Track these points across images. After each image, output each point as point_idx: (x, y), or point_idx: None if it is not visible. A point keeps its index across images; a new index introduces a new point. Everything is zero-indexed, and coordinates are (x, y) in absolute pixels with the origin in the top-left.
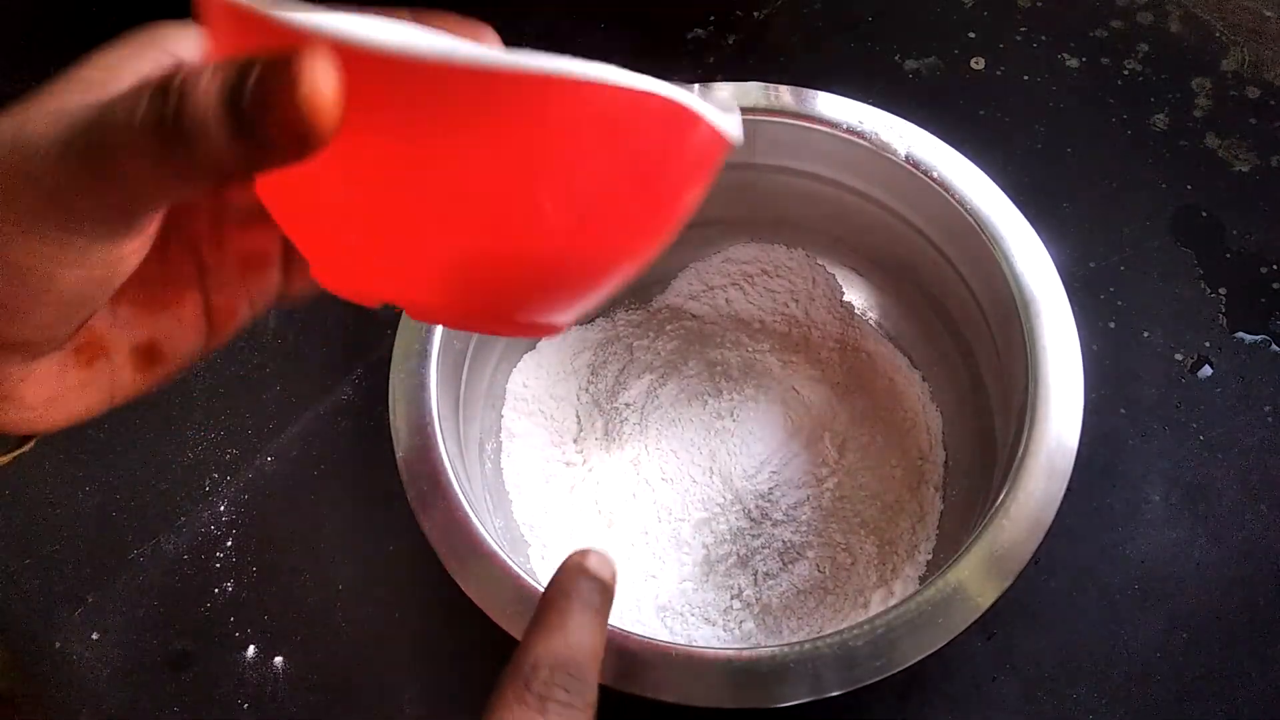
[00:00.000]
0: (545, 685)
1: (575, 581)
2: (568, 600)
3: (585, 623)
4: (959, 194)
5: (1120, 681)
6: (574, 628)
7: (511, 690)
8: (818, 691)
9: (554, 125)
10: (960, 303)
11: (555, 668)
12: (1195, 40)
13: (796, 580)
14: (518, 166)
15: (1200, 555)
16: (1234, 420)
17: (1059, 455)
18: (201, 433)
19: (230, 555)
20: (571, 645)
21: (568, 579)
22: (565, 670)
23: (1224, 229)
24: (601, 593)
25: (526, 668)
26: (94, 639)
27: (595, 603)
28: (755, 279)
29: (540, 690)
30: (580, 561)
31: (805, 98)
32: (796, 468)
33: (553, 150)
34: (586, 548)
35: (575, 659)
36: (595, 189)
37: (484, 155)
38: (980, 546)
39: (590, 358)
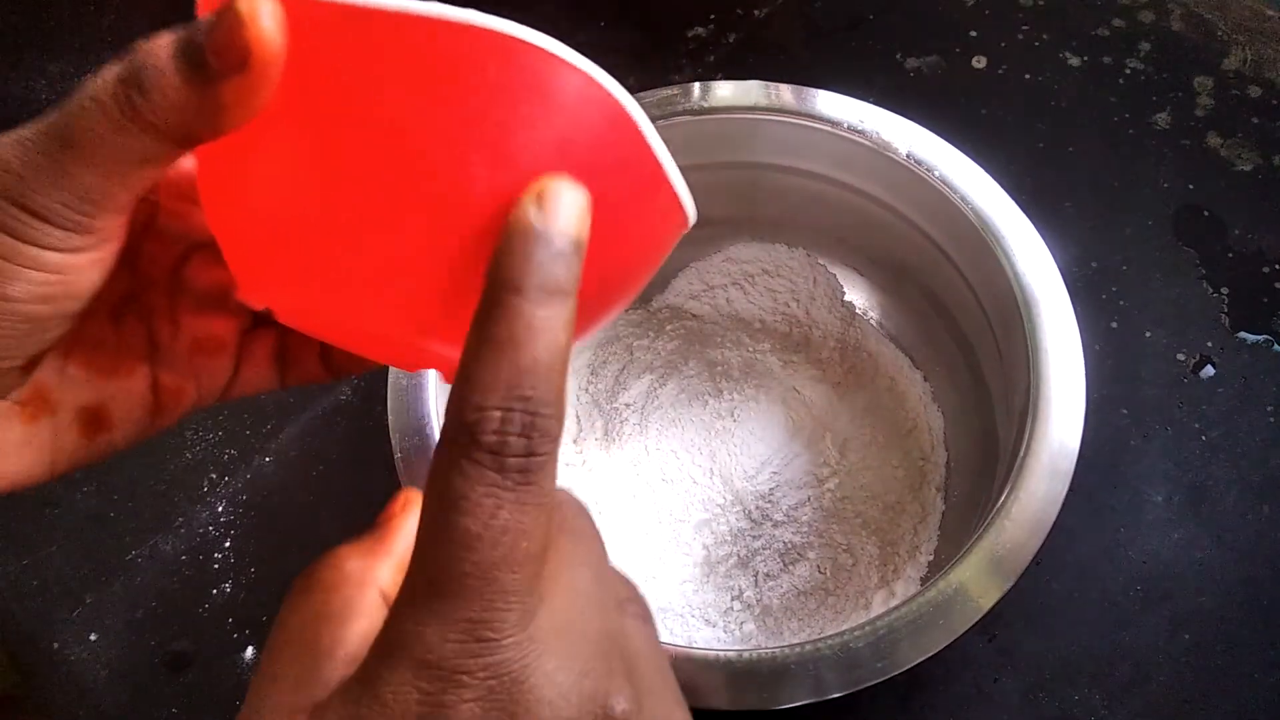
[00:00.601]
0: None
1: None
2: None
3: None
4: (961, 193)
5: (1122, 682)
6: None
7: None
8: (819, 693)
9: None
10: (962, 302)
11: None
12: (1197, 39)
13: (797, 581)
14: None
15: (1202, 556)
16: (1236, 420)
17: (1061, 456)
18: (200, 433)
19: (229, 556)
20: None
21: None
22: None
23: (1226, 228)
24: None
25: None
26: (92, 640)
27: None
28: (756, 278)
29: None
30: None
31: (806, 96)
32: (797, 468)
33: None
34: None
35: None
36: None
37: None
38: (982, 547)
39: (590, 357)
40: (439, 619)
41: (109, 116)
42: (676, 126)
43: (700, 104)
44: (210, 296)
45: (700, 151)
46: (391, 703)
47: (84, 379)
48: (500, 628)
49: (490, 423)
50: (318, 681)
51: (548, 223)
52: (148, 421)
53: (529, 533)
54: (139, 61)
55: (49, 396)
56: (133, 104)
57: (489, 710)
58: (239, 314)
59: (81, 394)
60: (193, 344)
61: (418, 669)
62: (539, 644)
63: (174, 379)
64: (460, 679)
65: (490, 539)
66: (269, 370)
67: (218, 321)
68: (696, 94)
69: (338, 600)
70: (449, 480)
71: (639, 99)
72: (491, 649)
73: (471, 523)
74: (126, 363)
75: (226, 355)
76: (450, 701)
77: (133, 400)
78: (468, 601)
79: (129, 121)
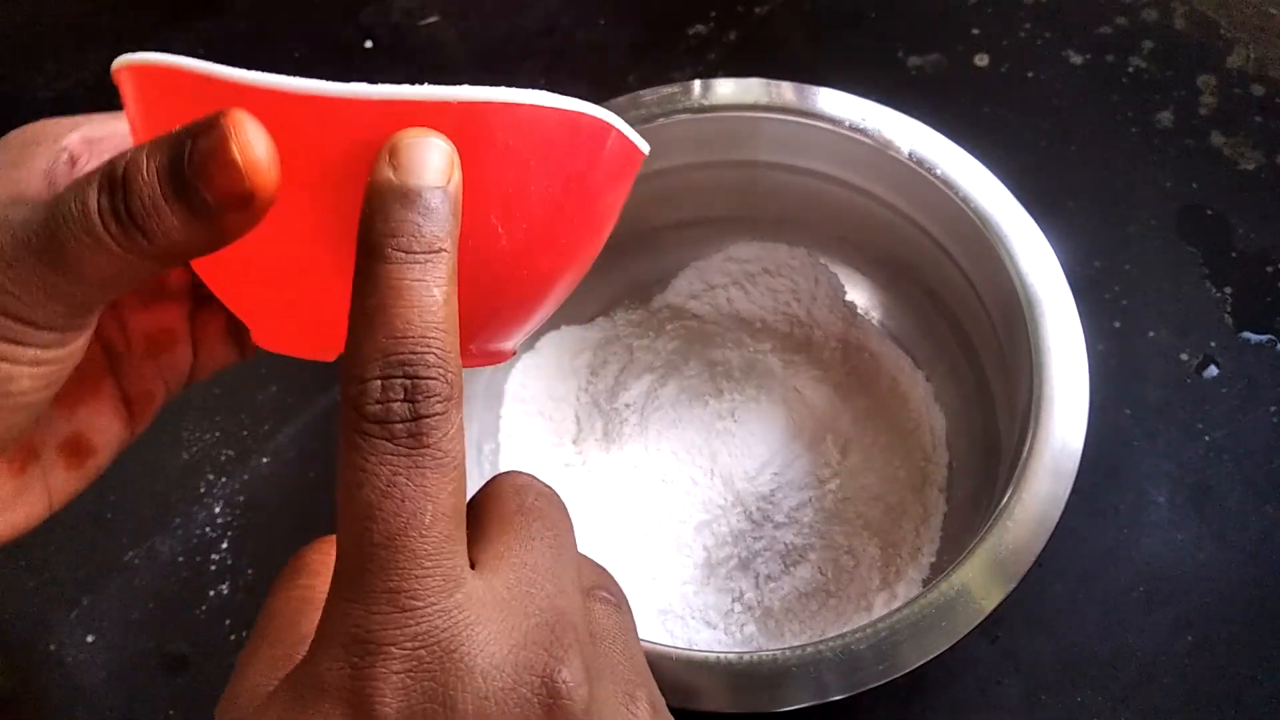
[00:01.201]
0: (380, 401)
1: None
2: (371, 259)
3: (405, 282)
4: (963, 192)
5: (1125, 684)
6: (386, 298)
7: (344, 424)
8: (820, 695)
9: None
10: (964, 302)
11: (378, 371)
12: (1200, 37)
13: (798, 583)
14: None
15: (1206, 557)
16: (1240, 420)
17: (1064, 456)
18: (197, 434)
19: (226, 557)
20: (389, 326)
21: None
22: (391, 365)
23: (1230, 228)
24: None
25: (352, 387)
26: (89, 641)
27: (423, 238)
28: (757, 278)
29: (375, 411)
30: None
31: (807, 94)
32: (798, 469)
33: (495, 172)
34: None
35: (399, 341)
36: (538, 206)
37: None
38: (984, 549)
39: (590, 358)
40: (361, 594)
41: (108, 252)
42: (677, 125)
43: (701, 102)
44: (151, 289)
45: (701, 150)
46: (327, 679)
47: (57, 416)
48: (422, 594)
49: (371, 393)
50: (292, 665)
51: (404, 178)
52: (127, 432)
53: (432, 494)
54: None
55: (30, 444)
56: (133, 240)
57: (419, 680)
58: (182, 298)
59: (59, 430)
60: (147, 343)
61: (347, 645)
62: (470, 612)
63: (139, 383)
64: (388, 650)
65: (391, 507)
66: (226, 347)
67: (165, 312)
68: (697, 92)
69: (320, 586)
70: (347, 458)
71: (639, 98)
72: (415, 617)
73: (371, 493)
74: (92, 383)
75: (182, 343)
76: (380, 674)
77: (107, 418)
78: (383, 572)
79: (130, 255)
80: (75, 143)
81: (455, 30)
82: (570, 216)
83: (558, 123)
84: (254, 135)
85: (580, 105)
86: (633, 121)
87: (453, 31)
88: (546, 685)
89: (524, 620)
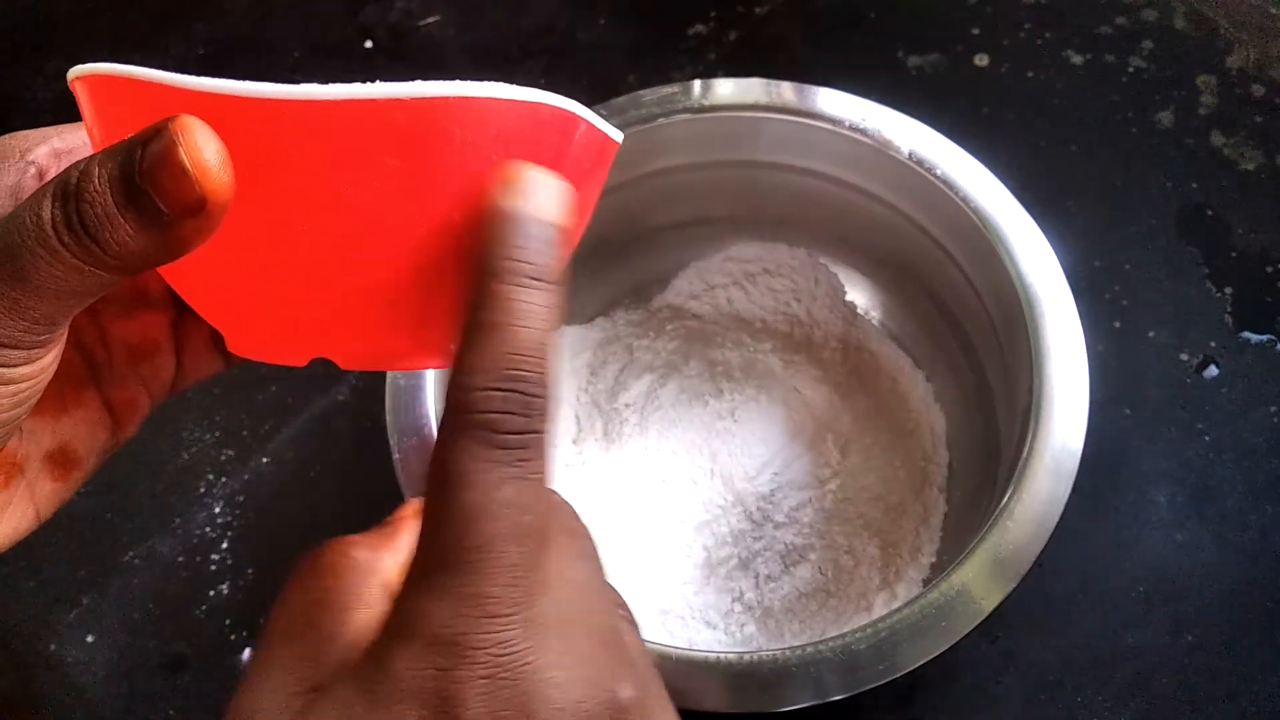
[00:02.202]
0: (486, 411)
1: (501, 248)
2: (494, 280)
3: (521, 304)
4: (963, 192)
5: (1125, 684)
6: (506, 317)
7: (450, 432)
8: (820, 695)
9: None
10: (964, 302)
11: (494, 382)
12: (1200, 37)
13: (798, 583)
14: (428, 188)
15: (1206, 557)
16: (1240, 421)
17: (1064, 456)
18: (197, 434)
19: (226, 557)
20: (508, 342)
21: (496, 245)
22: (508, 379)
23: (1229, 228)
24: (545, 245)
25: (468, 399)
26: (89, 641)
27: (536, 265)
28: (757, 278)
29: (484, 421)
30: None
31: (807, 94)
32: (798, 469)
33: (456, 167)
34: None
35: (516, 358)
36: None
37: (390, 183)
38: (984, 549)
39: (590, 358)
40: (448, 594)
41: (64, 263)
42: (677, 125)
43: (701, 102)
44: (129, 296)
45: (701, 150)
46: (406, 677)
47: (41, 429)
48: (507, 603)
49: (487, 401)
50: (318, 664)
51: (534, 210)
52: (111, 441)
53: (529, 507)
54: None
55: (14, 459)
56: (88, 251)
57: (500, 687)
58: (164, 307)
59: (43, 443)
60: (129, 352)
61: (429, 644)
62: (544, 627)
63: (123, 392)
64: (471, 654)
65: (493, 512)
66: (210, 354)
67: (147, 321)
68: (697, 92)
69: (343, 587)
70: (452, 458)
71: (639, 98)
72: (499, 624)
73: (475, 496)
74: (74, 393)
75: (165, 352)
76: (463, 677)
77: (92, 428)
78: (475, 575)
79: (87, 265)
80: (43, 156)
81: (455, 30)
82: None
83: (517, 115)
84: (203, 139)
85: (540, 95)
86: (633, 121)
87: (452, 31)
88: (611, 702)
89: (586, 638)
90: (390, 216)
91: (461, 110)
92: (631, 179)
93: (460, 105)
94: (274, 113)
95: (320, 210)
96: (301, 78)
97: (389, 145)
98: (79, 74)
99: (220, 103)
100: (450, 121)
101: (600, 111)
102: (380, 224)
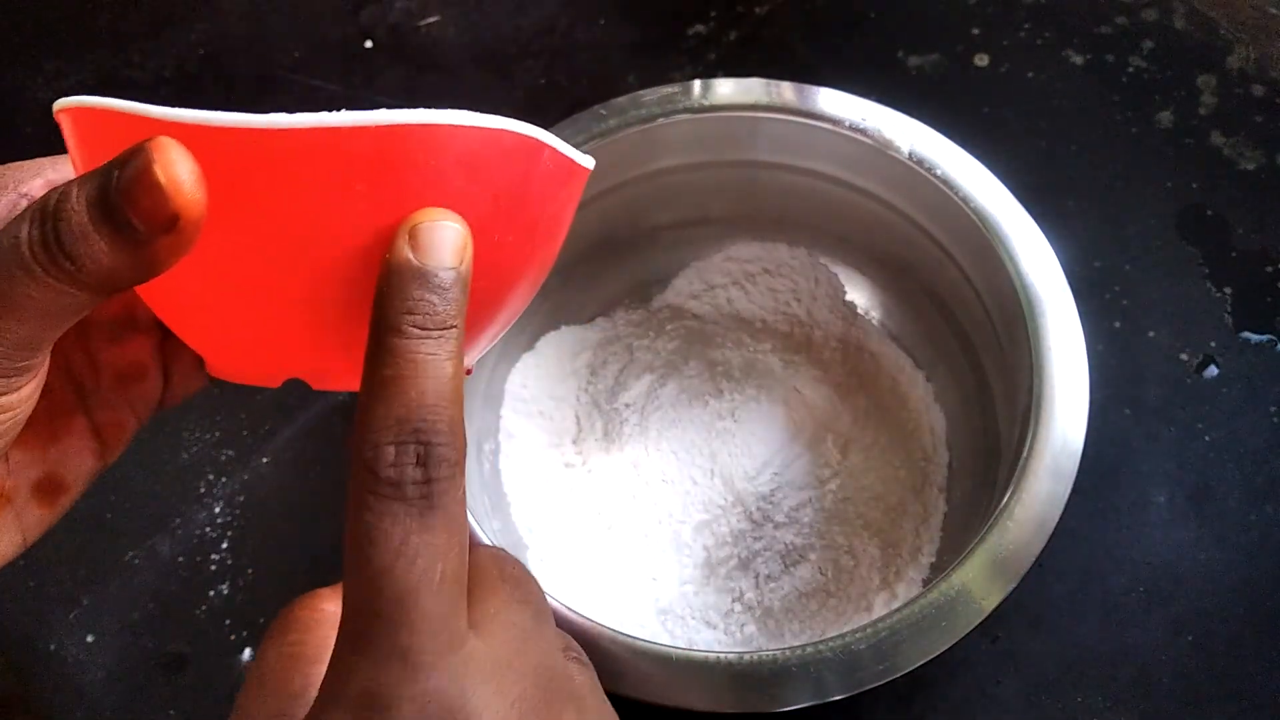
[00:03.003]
0: (394, 465)
1: (399, 300)
2: (389, 334)
3: (418, 355)
4: (963, 192)
5: (1125, 684)
6: (401, 370)
7: (356, 485)
8: (820, 695)
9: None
10: (964, 302)
11: (392, 437)
12: (1200, 37)
13: (798, 583)
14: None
15: (1206, 557)
16: (1240, 421)
17: (1064, 456)
18: (197, 434)
19: (226, 557)
20: (404, 394)
21: (388, 299)
22: (407, 433)
23: (1230, 228)
24: (441, 293)
25: (368, 453)
26: (88, 641)
27: (437, 315)
28: (757, 278)
29: (390, 474)
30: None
31: (807, 94)
32: (798, 469)
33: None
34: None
35: (414, 410)
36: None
37: (358, 206)
38: (984, 549)
39: (590, 358)
40: (371, 650)
41: (41, 283)
42: (677, 125)
43: (701, 102)
44: (118, 322)
45: (701, 150)
46: None
47: (28, 459)
48: (431, 652)
49: (386, 456)
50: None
51: (422, 259)
52: (99, 465)
53: (442, 554)
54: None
55: (1, 489)
56: (64, 270)
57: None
58: (151, 330)
59: (31, 472)
60: (117, 376)
61: (356, 703)
62: (474, 671)
63: (110, 415)
64: (397, 705)
65: (403, 565)
66: (195, 374)
67: (134, 345)
68: (697, 92)
69: (312, 641)
70: (358, 517)
71: (639, 98)
72: (424, 675)
73: (383, 552)
74: (64, 422)
75: (152, 375)
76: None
77: (80, 454)
78: (393, 629)
79: (64, 285)
80: (37, 188)
81: (455, 30)
82: (507, 236)
83: (482, 141)
84: (177, 157)
85: (504, 123)
86: (633, 121)
87: (452, 31)
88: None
89: (520, 680)
90: (358, 239)
91: (426, 137)
92: (631, 179)
93: (425, 132)
94: (244, 141)
95: (290, 234)
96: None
97: (355, 171)
98: (62, 106)
99: (192, 132)
100: (415, 148)
101: (600, 111)
102: (349, 246)
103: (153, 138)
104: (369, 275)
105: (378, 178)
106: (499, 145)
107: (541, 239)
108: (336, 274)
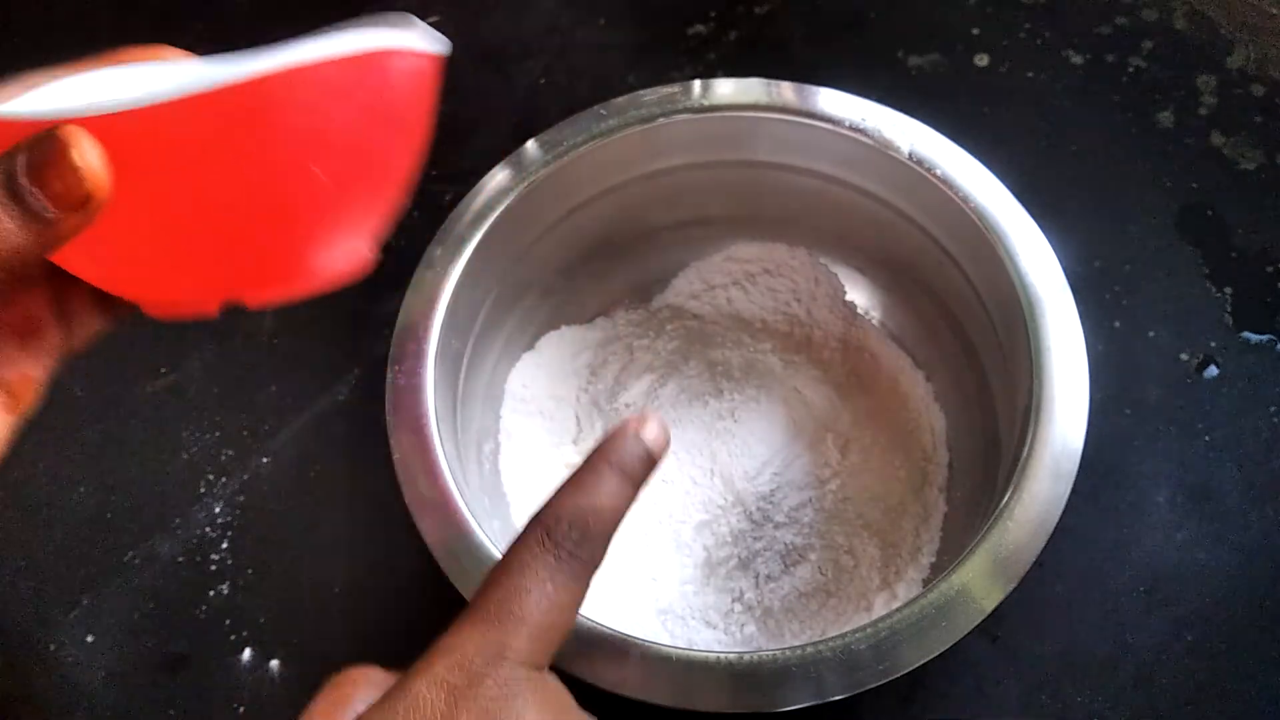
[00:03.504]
0: (563, 535)
1: (621, 446)
2: (606, 464)
3: (615, 489)
4: (963, 192)
5: (1125, 684)
6: (603, 491)
7: (532, 533)
8: (820, 695)
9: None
10: (964, 302)
11: (575, 522)
12: (1201, 37)
13: (798, 583)
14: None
15: (1206, 557)
16: (1240, 420)
17: (1064, 456)
18: (197, 434)
19: (226, 557)
20: (596, 506)
21: (615, 443)
22: (583, 526)
23: (1229, 227)
24: (643, 462)
25: (550, 517)
26: (89, 641)
27: (632, 470)
28: (757, 278)
29: (557, 539)
30: (634, 429)
31: (807, 94)
32: (798, 469)
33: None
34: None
35: (595, 518)
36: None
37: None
38: (984, 549)
39: (590, 358)
40: (480, 635)
41: None
42: (677, 125)
43: (701, 102)
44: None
45: (701, 150)
46: (423, 695)
47: None
48: (516, 655)
49: (561, 525)
50: None
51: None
52: (14, 417)
53: (560, 607)
54: None
55: None
56: None
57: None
58: (39, 282)
59: None
60: (14, 334)
61: (451, 666)
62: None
63: (14, 373)
64: (482, 680)
65: (536, 594)
66: (96, 316)
67: (27, 303)
68: (697, 92)
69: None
70: (521, 551)
71: (639, 98)
72: (509, 665)
73: (529, 580)
74: None
75: (51, 326)
76: (471, 694)
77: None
78: (506, 630)
79: None
80: None
81: (455, 30)
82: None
83: (338, 69)
84: (89, 145)
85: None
86: (633, 121)
87: (452, 31)
88: None
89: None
90: (256, 172)
91: (285, 81)
92: (631, 179)
93: (283, 78)
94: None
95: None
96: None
97: (233, 122)
98: None
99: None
100: (278, 92)
101: (600, 111)
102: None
103: (61, 126)
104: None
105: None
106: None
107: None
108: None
